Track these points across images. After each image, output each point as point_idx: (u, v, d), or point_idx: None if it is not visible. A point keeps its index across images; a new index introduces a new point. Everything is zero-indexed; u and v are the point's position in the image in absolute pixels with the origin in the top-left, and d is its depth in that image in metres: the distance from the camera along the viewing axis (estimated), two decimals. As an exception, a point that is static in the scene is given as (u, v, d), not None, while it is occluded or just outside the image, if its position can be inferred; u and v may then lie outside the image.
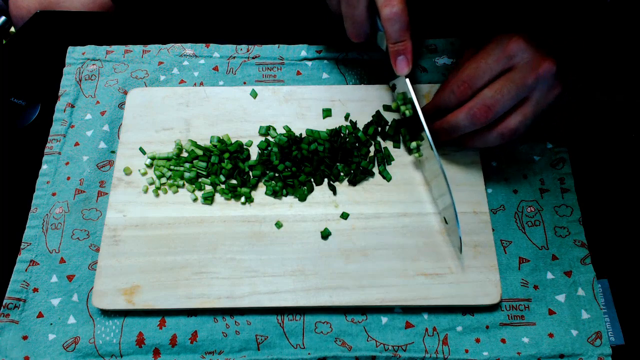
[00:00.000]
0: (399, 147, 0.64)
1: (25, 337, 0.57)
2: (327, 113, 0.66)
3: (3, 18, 1.02)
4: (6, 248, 0.62)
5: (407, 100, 0.61)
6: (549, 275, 0.59)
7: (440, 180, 0.57)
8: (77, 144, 0.66)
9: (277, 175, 0.63)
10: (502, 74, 0.55)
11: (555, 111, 0.58)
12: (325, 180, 0.63)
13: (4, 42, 1.05)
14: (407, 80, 0.59)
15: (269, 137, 0.65)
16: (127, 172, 0.63)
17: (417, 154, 0.62)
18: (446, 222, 0.58)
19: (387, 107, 0.66)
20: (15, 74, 0.73)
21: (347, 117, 0.66)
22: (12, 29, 1.01)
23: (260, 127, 0.65)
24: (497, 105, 0.54)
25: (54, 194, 0.63)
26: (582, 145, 0.65)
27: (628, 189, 0.64)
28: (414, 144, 0.62)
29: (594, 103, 0.66)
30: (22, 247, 0.61)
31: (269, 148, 0.64)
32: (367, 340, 0.56)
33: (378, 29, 0.60)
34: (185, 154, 0.64)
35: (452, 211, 0.55)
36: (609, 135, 0.66)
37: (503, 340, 0.56)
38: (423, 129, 0.58)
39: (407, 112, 0.62)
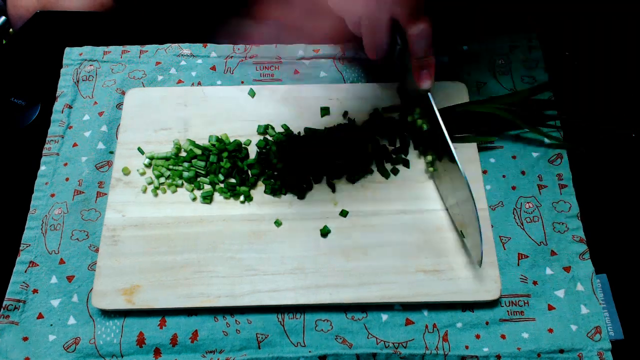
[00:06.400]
0: (394, 145, 0.65)
1: (25, 339, 0.57)
2: (325, 111, 0.66)
3: (3, 18, 1.02)
4: (5, 249, 0.61)
5: (423, 114, 0.61)
6: (548, 271, 0.59)
7: (456, 196, 0.57)
8: (75, 144, 0.66)
9: (276, 173, 0.63)
10: None
11: None
12: (324, 178, 0.63)
13: (4, 42, 1.05)
14: (430, 95, 0.60)
15: (268, 136, 0.65)
16: (126, 172, 0.63)
17: (431, 168, 0.62)
18: (463, 237, 0.58)
19: (386, 109, 0.66)
20: (15, 74, 0.73)
21: (345, 115, 0.66)
22: (12, 29, 1.01)
23: (259, 126, 0.65)
24: None
25: (52, 195, 0.63)
26: (580, 142, 0.66)
27: (626, 184, 0.64)
28: (429, 158, 0.62)
29: None
30: (21, 248, 0.61)
31: (268, 147, 0.64)
32: (368, 338, 0.56)
33: (397, 44, 0.61)
34: (183, 154, 0.64)
35: (476, 226, 0.54)
36: (608, 134, 0.67)
37: (503, 336, 0.56)
38: (448, 146, 0.57)
39: (424, 126, 0.62)
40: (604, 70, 0.70)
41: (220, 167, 0.62)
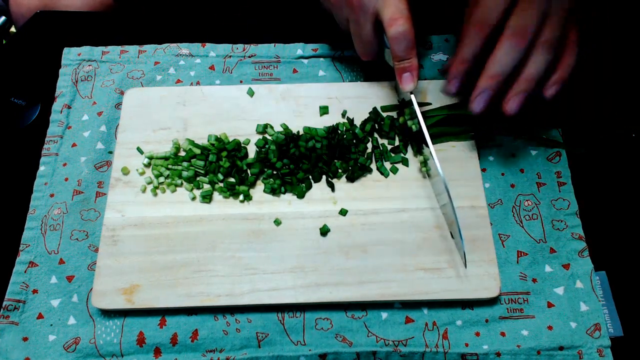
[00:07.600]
0: (393, 144, 0.65)
1: (25, 339, 0.57)
2: (324, 110, 0.66)
3: (3, 18, 1.03)
4: (5, 249, 0.61)
5: (414, 115, 0.61)
6: (547, 269, 0.59)
7: (445, 197, 0.57)
8: (74, 145, 0.66)
9: (275, 172, 0.63)
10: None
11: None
12: (324, 177, 0.63)
13: (4, 42, 1.05)
14: (413, 96, 0.61)
15: (267, 135, 0.65)
16: (125, 172, 0.63)
17: (424, 168, 0.62)
18: (452, 237, 0.59)
19: (385, 108, 0.66)
20: (15, 74, 0.73)
21: (344, 114, 0.66)
22: (12, 29, 1.01)
23: (258, 125, 0.65)
24: (529, 25, 0.52)
25: (52, 195, 0.63)
26: (579, 142, 0.66)
27: (625, 182, 0.64)
28: (421, 158, 0.63)
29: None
30: (21, 248, 0.61)
31: (267, 146, 0.64)
32: (368, 336, 0.57)
33: (385, 45, 0.61)
34: (182, 153, 0.64)
35: (457, 228, 0.55)
36: (608, 133, 0.67)
37: (502, 334, 0.56)
38: (428, 146, 0.59)
39: (413, 127, 0.62)
40: (604, 70, 0.70)
41: (220, 167, 0.63)
